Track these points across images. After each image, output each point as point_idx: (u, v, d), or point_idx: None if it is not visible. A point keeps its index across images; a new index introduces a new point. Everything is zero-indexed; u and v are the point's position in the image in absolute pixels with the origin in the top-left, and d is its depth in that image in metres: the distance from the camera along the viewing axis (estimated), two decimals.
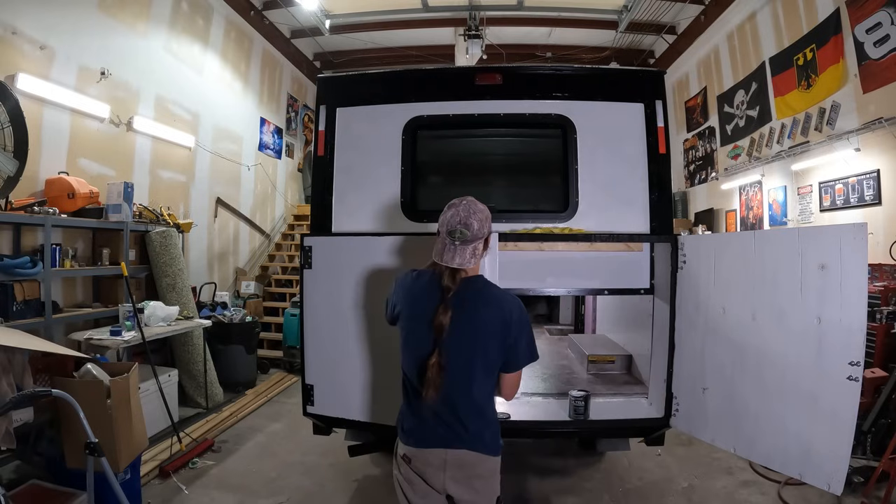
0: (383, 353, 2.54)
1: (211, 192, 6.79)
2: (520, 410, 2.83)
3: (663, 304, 2.63)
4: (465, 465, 1.62)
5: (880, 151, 4.64)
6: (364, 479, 3.51)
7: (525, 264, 2.74)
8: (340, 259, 2.57)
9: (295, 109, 9.38)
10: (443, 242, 1.63)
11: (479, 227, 1.61)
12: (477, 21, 7.90)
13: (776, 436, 2.05)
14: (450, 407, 1.61)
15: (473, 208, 1.63)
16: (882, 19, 4.48)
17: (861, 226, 1.81)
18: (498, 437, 1.70)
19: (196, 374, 4.83)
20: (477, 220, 1.61)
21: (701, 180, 8.35)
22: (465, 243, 1.59)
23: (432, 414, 1.62)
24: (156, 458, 3.60)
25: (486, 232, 1.64)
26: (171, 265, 4.85)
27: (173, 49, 5.94)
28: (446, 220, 1.62)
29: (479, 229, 1.60)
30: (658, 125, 2.79)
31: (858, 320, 1.80)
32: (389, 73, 3.19)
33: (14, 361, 2.35)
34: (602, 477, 3.56)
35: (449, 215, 1.63)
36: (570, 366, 3.91)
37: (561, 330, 5.29)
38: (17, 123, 3.72)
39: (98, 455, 2.08)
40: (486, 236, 1.65)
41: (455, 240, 1.59)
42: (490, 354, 1.62)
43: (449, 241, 1.60)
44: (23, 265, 3.57)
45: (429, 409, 1.62)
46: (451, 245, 1.60)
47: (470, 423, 1.63)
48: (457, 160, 3.18)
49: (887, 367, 3.66)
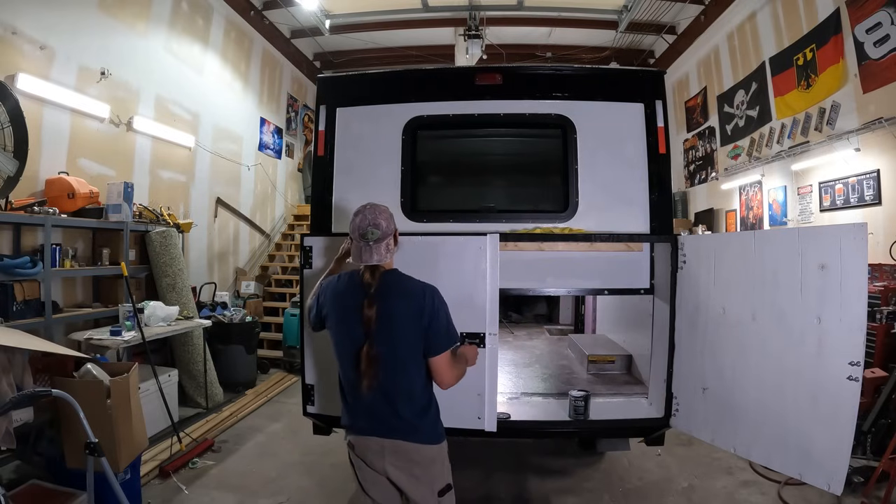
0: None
1: (211, 192, 6.79)
2: (520, 410, 2.83)
3: (663, 304, 2.63)
4: (401, 453, 1.75)
5: (880, 151, 4.64)
6: None
7: (525, 264, 2.74)
8: None
9: (295, 109, 9.38)
10: (357, 246, 1.75)
11: (387, 225, 1.76)
12: (477, 21, 7.90)
13: (776, 436, 2.05)
14: (383, 396, 1.73)
15: (378, 209, 1.79)
16: (882, 19, 4.47)
17: (861, 226, 1.82)
18: (437, 424, 1.82)
19: (196, 374, 4.83)
20: (384, 219, 1.76)
21: (701, 180, 8.35)
22: (378, 241, 1.73)
23: (368, 406, 1.75)
24: (156, 458, 3.60)
25: (393, 228, 1.79)
26: (171, 265, 4.85)
27: (173, 49, 5.94)
28: (356, 226, 1.75)
29: (387, 227, 1.76)
30: (658, 125, 2.79)
31: (858, 320, 1.80)
32: (389, 73, 3.19)
33: (14, 361, 2.34)
34: (602, 477, 3.56)
35: (358, 220, 1.76)
36: (570, 366, 3.91)
37: (561, 330, 5.30)
38: (17, 123, 3.72)
39: (98, 455, 2.08)
40: (394, 232, 1.80)
41: (368, 240, 1.73)
42: (412, 341, 1.73)
43: (363, 243, 1.73)
44: (23, 265, 3.56)
45: (364, 403, 1.75)
46: (367, 246, 1.73)
47: (404, 412, 1.74)
48: (457, 160, 3.18)
49: (887, 367, 3.66)
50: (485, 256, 2.36)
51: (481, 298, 2.37)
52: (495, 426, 2.41)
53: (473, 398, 2.39)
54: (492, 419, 2.40)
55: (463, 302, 2.41)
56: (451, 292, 2.43)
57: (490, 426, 2.40)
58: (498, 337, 2.41)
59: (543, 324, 5.84)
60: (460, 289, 2.41)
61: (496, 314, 2.40)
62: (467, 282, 2.39)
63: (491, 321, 2.38)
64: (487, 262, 2.36)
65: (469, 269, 2.39)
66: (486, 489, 3.37)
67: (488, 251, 2.36)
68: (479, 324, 2.38)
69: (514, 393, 3.19)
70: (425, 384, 1.80)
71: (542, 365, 4.00)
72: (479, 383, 2.38)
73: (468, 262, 2.39)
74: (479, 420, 2.40)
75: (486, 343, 2.38)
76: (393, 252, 1.80)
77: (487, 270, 2.36)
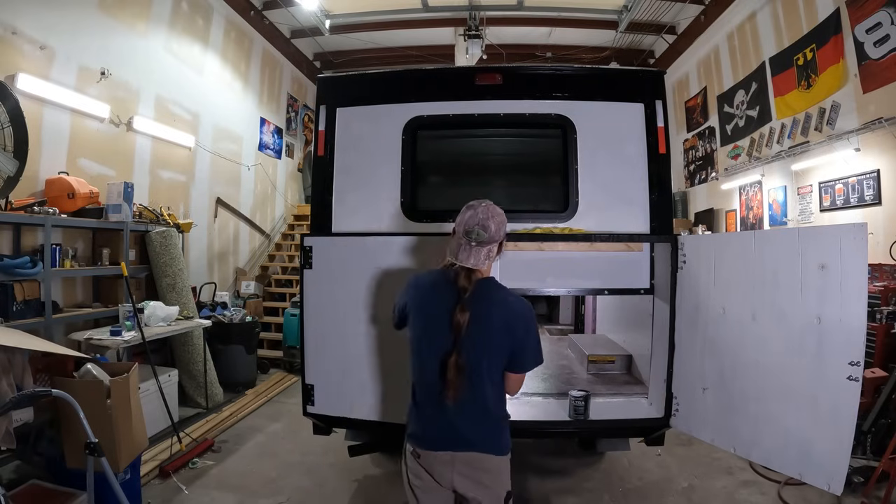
0: (383, 353, 2.54)
1: (211, 192, 6.79)
2: (520, 410, 2.83)
3: (663, 304, 2.63)
4: (473, 462, 1.66)
5: (880, 151, 4.64)
6: (364, 479, 3.51)
7: (525, 264, 2.74)
8: (340, 259, 2.57)
9: (295, 109, 9.38)
10: (458, 242, 1.65)
11: (496, 230, 1.63)
12: (477, 21, 7.90)
13: (776, 436, 2.05)
14: (460, 406, 1.62)
15: (492, 211, 1.65)
16: (882, 19, 4.47)
17: (861, 226, 1.82)
18: (506, 436, 1.73)
19: (196, 374, 4.83)
20: (494, 223, 1.63)
21: (701, 180, 8.35)
22: (481, 245, 1.62)
23: (443, 416, 1.64)
24: (156, 458, 3.60)
25: (501, 236, 1.67)
26: (171, 265, 4.85)
27: (173, 49, 5.94)
28: (464, 221, 1.64)
29: (495, 232, 1.63)
30: (658, 125, 2.79)
31: (858, 320, 1.80)
32: (389, 73, 3.19)
33: (14, 361, 2.34)
34: (602, 477, 3.56)
35: (467, 216, 1.64)
36: (570, 366, 3.91)
37: (561, 330, 5.30)
38: (17, 123, 3.72)
39: (98, 455, 2.08)
40: (501, 240, 1.68)
41: (472, 240, 1.61)
42: (500, 355, 1.64)
43: (465, 241, 1.62)
44: (23, 265, 3.56)
45: (440, 412, 1.64)
46: (468, 245, 1.62)
47: (479, 425, 1.66)
48: (457, 160, 3.18)
49: (887, 367, 3.66)
50: None
51: None
52: None
53: None
54: None
55: None
56: None
57: None
58: None
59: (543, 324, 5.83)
60: None
61: None
62: None
63: None
64: None
65: None
66: None
67: None
68: None
69: None
70: (499, 394, 1.71)
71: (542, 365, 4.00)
72: None
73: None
74: None
75: None
76: (493, 260, 1.68)
77: None
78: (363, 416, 2.58)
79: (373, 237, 2.61)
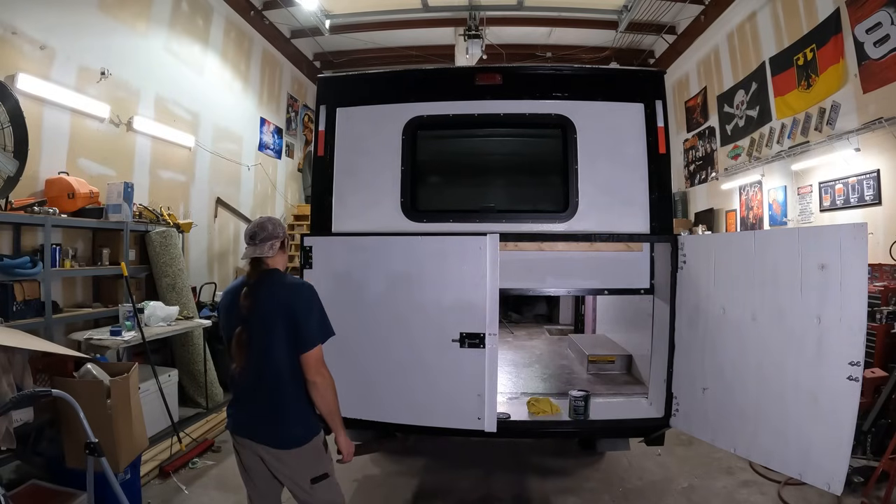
0: (383, 353, 2.54)
1: (211, 192, 6.78)
2: (520, 410, 2.83)
3: (663, 304, 2.64)
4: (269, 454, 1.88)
5: (880, 151, 4.63)
6: (364, 479, 3.51)
7: (525, 264, 2.74)
8: (340, 259, 2.58)
9: (295, 109, 9.37)
10: (248, 248, 1.95)
11: (273, 229, 1.96)
12: (477, 21, 7.89)
13: (776, 436, 2.05)
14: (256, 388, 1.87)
15: (268, 217, 2.04)
16: (882, 19, 4.47)
17: (861, 226, 1.82)
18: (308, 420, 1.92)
19: (196, 374, 4.82)
20: (271, 224, 1.97)
21: (701, 180, 8.35)
22: (263, 241, 1.93)
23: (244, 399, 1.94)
24: (156, 458, 3.60)
25: (280, 233, 1.98)
26: (171, 265, 4.85)
27: (173, 49, 5.94)
28: (247, 232, 1.98)
29: (273, 230, 1.96)
30: (658, 125, 2.79)
31: (858, 320, 1.80)
32: (389, 73, 3.19)
33: (14, 361, 2.35)
34: (602, 477, 3.56)
35: (248, 227, 1.99)
36: (570, 366, 3.91)
37: (561, 330, 5.30)
38: (17, 123, 3.72)
39: (98, 455, 2.08)
40: (281, 238, 1.99)
41: (255, 240, 1.93)
42: (284, 333, 1.85)
43: (250, 242, 1.94)
44: (23, 265, 3.56)
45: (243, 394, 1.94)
46: (252, 245, 1.94)
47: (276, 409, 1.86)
48: (457, 160, 3.18)
49: (887, 367, 3.65)
50: (485, 256, 2.36)
51: (481, 298, 2.38)
52: (495, 426, 2.41)
53: (473, 398, 2.39)
54: (492, 419, 2.40)
55: (462, 302, 2.41)
56: (451, 292, 2.45)
57: (490, 426, 2.40)
58: (498, 337, 2.41)
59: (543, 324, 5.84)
60: (460, 289, 2.41)
61: (496, 314, 2.40)
62: (467, 282, 2.40)
63: (491, 321, 2.38)
64: (487, 262, 2.36)
65: (469, 269, 2.39)
66: (485, 489, 3.37)
67: (488, 251, 2.36)
68: (479, 324, 2.38)
69: (514, 393, 3.19)
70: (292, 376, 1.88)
71: (542, 365, 4.01)
72: (478, 384, 2.38)
73: (468, 262, 2.39)
74: (479, 420, 2.40)
75: (485, 343, 2.38)
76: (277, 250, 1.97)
77: (487, 270, 2.36)
78: (362, 415, 2.58)
79: (373, 237, 2.61)
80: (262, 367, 1.87)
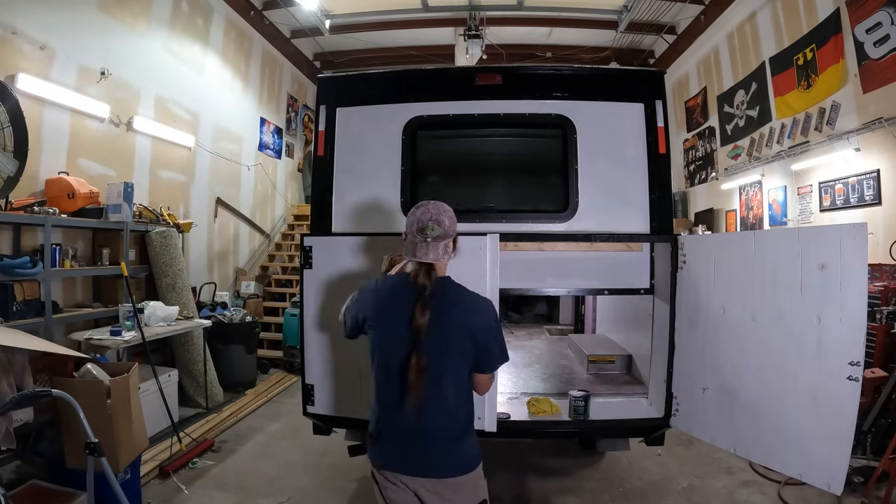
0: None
1: (211, 192, 6.79)
2: (520, 410, 2.83)
3: (663, 304, 2.63)
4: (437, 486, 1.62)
5: (880, 151, 4.63)
6: (364, 479, 3.50)
7: (525, 264, 2.74)
8: (340, 259, 2.57)
9: (295, 109, 9.38)
10: (413, 242, 1.63)
11: (450, 225, 1.64)
12: (477, 21, 7.90)
13: (776, 435, 2.05)
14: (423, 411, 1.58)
15: (443, 207, 1.67)
16: (882, 19, 4.47)
17: (861, 226, 1.81)
18: (473, 446, 1.69)
19: (196, 374, 4.83)
20: (447, 218, 1.64)
21: (701, 180, 8.35)
22: (437, 240, 1.61)
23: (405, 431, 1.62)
24: (156, 458, 3.60)
25: (455, 230, 1.68)
26: (171, 265, 4.85)
27: (173, 49, 5.94)
28: (416, 219, 1.63)
29: (449, 226, 1.64)
30: (658, 125, 2.79)
31: (858, 320, 1.80)
32: (389, 73, 3.18)
33: (14, 361, 2.34)
34: (602, 477, 3.56)
35: (419, 213, 1.64)
36: (570, 366, 3.91)
37: (561, 330, 5.30)
38: (17, 123, 3.72)
39: (98, 455, 2.08)
40: (454, 235, 1.68)
41: (427, 236, 1.60)
42: (462, 354, 1.62)
43: (420, 238, 1.61)
44: (23, 265, 3.56)
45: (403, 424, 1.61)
46: (423, 242, 1.61)
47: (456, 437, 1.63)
48: (457, 160, 3.18)
49: (887, 367, 3.65)
50: (485, 256, 2.35)
51: None
52: (495, 426, 2.41)
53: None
54: (492, 419, 2.40)
55: None
56: None
57: (490, 426, 2.40)
58: None
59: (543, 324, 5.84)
60: None
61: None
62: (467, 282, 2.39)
63: None
64: (487, 262, 2.35)
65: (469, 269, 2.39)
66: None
67: (488, 251, 2.36)
68: None
69: (514, 393, 3.18)
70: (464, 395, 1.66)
71: (542, 365, 4.00)
72: None
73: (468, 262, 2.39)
74: (479, 420, 2.39)
75: None
76: (450, 255, 1.67)
77: (487, 270, 2.35)
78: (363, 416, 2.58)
79: (373, 237, 2.61)
80: (442, 395, 1.60)
